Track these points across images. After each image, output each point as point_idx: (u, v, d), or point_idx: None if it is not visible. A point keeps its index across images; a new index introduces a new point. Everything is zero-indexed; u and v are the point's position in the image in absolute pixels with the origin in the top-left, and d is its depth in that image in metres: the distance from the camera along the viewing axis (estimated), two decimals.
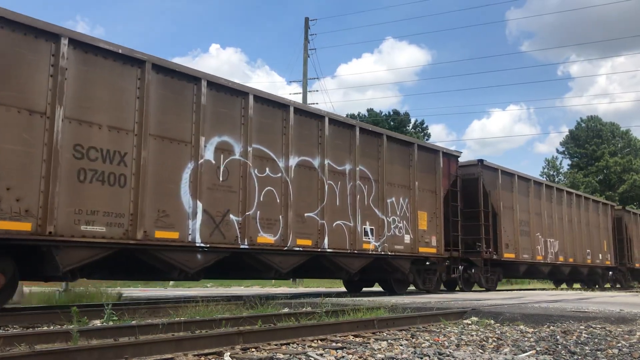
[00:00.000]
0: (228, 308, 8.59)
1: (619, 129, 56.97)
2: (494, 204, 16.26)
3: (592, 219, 22.78)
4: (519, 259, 17.28)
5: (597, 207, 23.77)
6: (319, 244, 10.80)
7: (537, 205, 18.78)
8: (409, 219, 13.13)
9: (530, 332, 6.14)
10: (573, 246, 20.87)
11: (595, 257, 22.63)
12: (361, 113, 52.14)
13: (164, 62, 8.66)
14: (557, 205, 20.24)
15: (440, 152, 14.47)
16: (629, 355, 4.59)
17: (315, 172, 10.95)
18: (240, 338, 4.82)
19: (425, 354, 4.43)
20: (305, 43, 29.30)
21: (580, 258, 21.36)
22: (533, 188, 18.66)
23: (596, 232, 23.09)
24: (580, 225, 21.65)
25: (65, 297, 11.32)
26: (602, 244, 23.44)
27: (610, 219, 24.69)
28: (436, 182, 14.13)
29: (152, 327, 5.54)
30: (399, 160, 13.13)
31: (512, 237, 16.92)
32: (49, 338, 4.93)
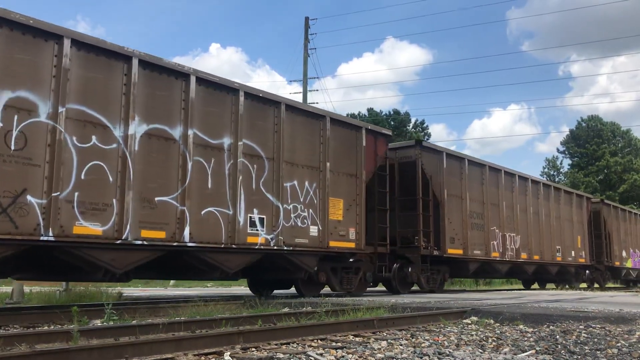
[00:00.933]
0: (228, 308, 8.60)
1: (620, 129, 56.97)
2: (436, 191, 14.13)
3: (564, 212, 20.48)
4: (468, 255, 14.94)
5: (571, 199, 21.37)
6: (176, 237, 8.47)
7: (493, 194, 16.40)
8: (317, 207, 10.90)
9: (530, 331, 6.14)
10: (539, 242, 18.52)
11: (567, 255, 20.37)
12: (361, 112, 52.13)
13: None
14: (520, 195, 17.85)
15: (364, 128, 12.27)
16: (628, 355, 4.59)
17: (174, 144, 8.63)
18: (240, 338, 4.82)
19: (425, 354, 4.44)
20: (306, 42, 29.30)
21: (548, 255, 19.04)
22: (489, 175, 16.32)
23: (569, 227, 20.77)
24: (549, 219, 19.31)
25: (66, 297, 11.33)
26: (575, 239, 21.20)
27: (587, 213, 22.48)
28: (357, 164, 11.91)
29: (152, 327, 5.54)
30: (306, 135, 10.86)
31: (459, 231, 14.69)
32: (49, 338, 4.94)
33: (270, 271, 11.17)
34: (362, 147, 12.08)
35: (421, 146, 14.10)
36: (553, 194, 20.00)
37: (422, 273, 13.70)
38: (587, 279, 22.82)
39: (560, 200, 20.45)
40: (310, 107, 11.61)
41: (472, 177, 15.57)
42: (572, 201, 21.35)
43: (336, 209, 11.33)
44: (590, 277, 23.03)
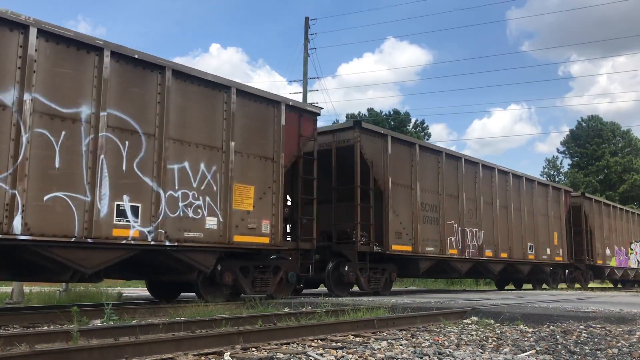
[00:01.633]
0: (228, 308, 8.60)
1: (620, 129, 56.98)
2: (379, 179, 12.45)
3: (538, 205, 18.67)
4: (419, 252, 13.20)
5: (546, 191, 19.50)
6: (3, 228, 6.86)
7: (452, 185, 14.69)
8: (218, 195, 9.19)
9: (530, 331, 6.14)
10: (508, 238, 16.80)
11: (541, 253, 18.56)
12: (361, 113, 52.14)
13: None
14: (485, 186, 16.09)
15: (283, 104, 10.46)
16: (628, 355, 4.59)
17: (4, 112, 7.01)
18: (240, 338, 4.82)
19: (425, 354, 4.44)
20: (305, 43, 29.30)
21: (519, 253, 17.36)
22: (446, 163, 14.59)
23: (543, 222, 18.98)
24: (520, 213, 17.61)
25: (66, 297, 11.33)
26: (551, 236, 19.37)
27: (565, 207, 20.68)
28: (274, 145, 10.22)
29: (152, 327, 5.54)
30: (203, 109, 9.17)
31: (408, 225, 12.99)
32: (49, 338, 4.94)
33: (159, 272, 9.47)
34: (281, 126, 10.33)
35: (360, 128, 12.34)
36: (525, 185, 18.18)
37: (362, 272, 12.13)
38: (567, 278, 21.26)
39: (533, 192, 18.61)
40: (211, 75, 9.43)
41: (425, 164, 13.90)
42: (547, 194, 19.54)
43: (244, 197, 9.62)
44: (570, 277, 21.52)
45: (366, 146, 12.42)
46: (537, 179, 19.61)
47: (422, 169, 13.77)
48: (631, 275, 26.73)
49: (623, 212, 26.59)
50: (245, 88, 9.98)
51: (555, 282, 20.34)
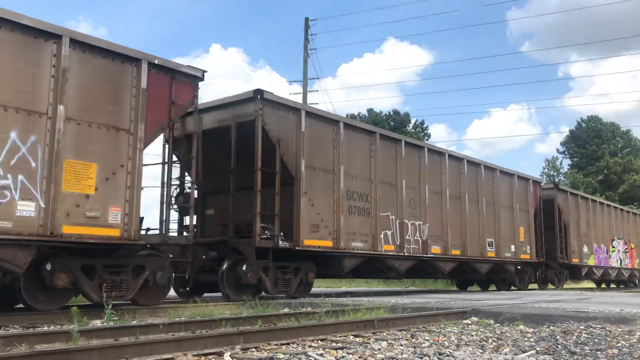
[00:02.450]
0: (228, 308, 8.61)
1: (619, 129, 56.98)
2: (289, 162, 10.57)
3: (500, 197, 16.64)
4: (341, 248, 11.29)
5: (511, 182, 17.44)
6: None
7: (389, 171, 12.88)
8: (38, 173, 7.24)
9: (530, 332, 6.14)
10: (461, 234, 14.94)
11: (504, 250, 16.55)
12: (361, 113, 52.16)
13: None
14: (433, 174, 14.28)
15: (145, 62, 8.39)
16: (629, 355, 4.59)
17: None
18: (240, 338, 4.82)
19: (425, 354, 4.44)
20: (305, 43, 29.31)
21: (475, 250, 15.40)
22: (381, 146, 12.68)
23: (507, 216, 17.01)
24: (477, 205, 15.64)
25: None
26: (516, 232, 17.39)
27: (534, 200, 18.67)
28: (131, 112, 8.19)
29: (153, 327, 5.54)
30: (18, 61, 7.19)
31: (328, 216, 11.09)
32: (49, 338, 4.94)
33: None
34: (141, 90, 8.30)
35: (263, 99, 10.14)
36: (484, 174, 16.07)
37: (267, 273, 10.20)
38: (539, 279, 19.23)
39: (494, 182, 16.56)
40: (30, 19, 7.32)
41: (352, 146, 11.94)
42: (512, 185, 17.48)
43: (81, 177, 7.62)
44: (542, 277, 19.45)
45: (272, 121, 10.33)
46: (500, 168, 17.23)
47: (348, 151, 11.81)
48: (612, 275, 24.70)
49: (604, 206, 24.43)
50: (85, 38, 7.90)
51: (524, 282, 18.14)
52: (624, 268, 25.56)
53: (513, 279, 17.76)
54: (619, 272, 25.15)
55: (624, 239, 25.99)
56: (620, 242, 25.51)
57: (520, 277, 17.99)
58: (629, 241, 26.56)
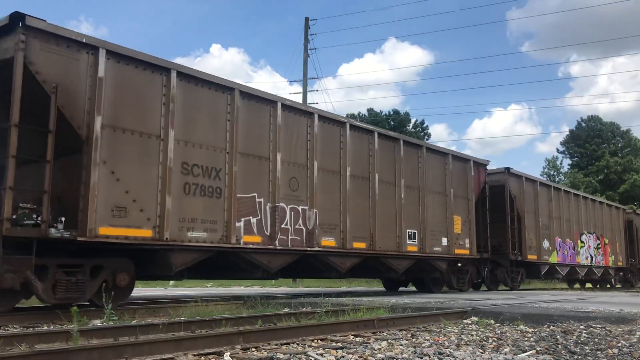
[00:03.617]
0: (228, 308, 8.61)
1: (620, 129, 56.98)
2: (74, 119, 7.66)
3: (428, 180, 13.80)
4: (166, 240, 8.33)
5: (444, 162, 14.44)
6: None
7: (254, 140, 9.89)
8: None
9: (530, 332, 6.14)
10: (368, 222, 12.01)
11: (433, 243, 13.68)
12: (361, 113, 52.17)
13: None
14: (327, 147, 11.27)
15: None
16: (629, 355, 4.59)
17: None
18: (240, 338, 4.82)
19: (426, 354, 4.44)
20: (306, 43, 29.32)
21: (389, 243, 12.51)
22: (245, 108, 9.74)
23: (437, 203, 14.06)
24: (392, 188, 12.76)
25: None
26: (450, 222, 14.38)
27: (477, 185, 15.54)
28: None
29: (152, 327, 5.54)
30: None
31: (146, 195, 8.22)
32: (49, 338, 4.94)
33: None
34: None
35: (27, 28, 7.22)
36: (403, 151, 13.16)
37: (43, 274, 7.29)
38: (487, 277, 16.47)
39: (419, 162, 13.66)
40: None
41: (194, 105, 9.04)
42: (446, 166, 14.50)
43: None
44: (490, 276, 16.63)
45: (43, 61, 7.41)
46: (428, 145, 14.63)
47: (186, 110, 8.89)
48: (581, 273, 21.64)
49: (570, 195, 21.17)
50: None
51: (463, 282, 15.16)
52: (595, 266, 22.44)
53: (448, 279, 14.81)
54: (589, 271, 22.13)
55: (596, 234, 22.91)
56: (591, 236, 22.43)
57: (459, 277, 15.08)
58: (602, 236, 23.43)
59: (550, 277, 21.42)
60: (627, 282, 26.40)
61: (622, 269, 25.64)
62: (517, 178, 17.64)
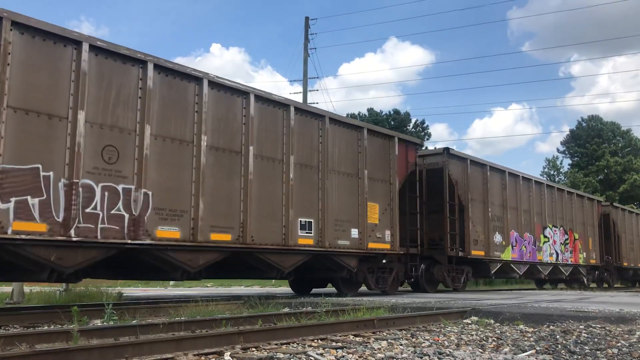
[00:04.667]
0: (228, 308, 8.61)
1: (620, 129, 56.97)
2: None
3: (333, 158, 11.37)
4: None
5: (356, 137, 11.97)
6: None
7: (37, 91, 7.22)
8: None
9: (530, 331, 6.14)
10: (238, 208, 9.52)
11: (337, 236, 11.22)
12: (361, 112, 52.16)
13: None
14: (167, 109, 8.68)
15: None
16: (628, 355, 4.59)
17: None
18: (240, 338, 4.83)
19: (425, 354, 4.44)
20: (306, 43, 29.31)
21: (271, 234, 9.99)
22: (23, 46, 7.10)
23: (347, 187, 11.60)
24: (279, 167, 10.31)
25: (66, 297, 11.33)
26: (363, 210, 11.86)
27: (403, 167, 13.08)
28: None
29: (153, 327, 5.55)
30: None
31: None
32: (49, 338, 4.94)
33: None
34: None
35: None
36: (296, 122, 10.65)
37: None
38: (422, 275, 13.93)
39: (320, 136, 11.12)
40: None
41: None
42: (359, 142, 11.96)
43: None
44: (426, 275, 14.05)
45: None
46: (332, 115, 11.81)
47: None
48: (544, 272, 18.90)
49: (531, 183, 18.24)
50: None
51: (385, 282, 12.57)
52: (562, 264, 19.86)
53: (364, 278, 12.27)
54: (554, 269, 19.53)
55: (564, 227, 20.28)
56: (557, 230, 19.80)
57: (379, 276, 12.52)
58: (571, 230, 20.77)
59: (504, 276, 18.55)
60: (603, 281, 23.86)
61: (597, 267, 22.95)
62: (459, 161, 15.05)
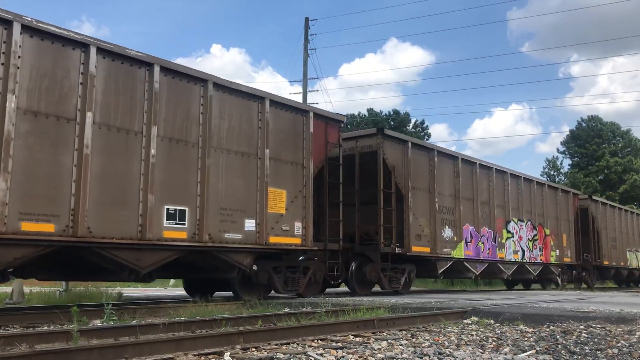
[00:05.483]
0: (228, 308, 8.60)
1: (620, 129, 56.97)
2: None
3: (220, 132, 9.43)
4: None
5: (255, 109, 9.99)
6: None
7: None
8: None
9: (530, 331, 6.14)
10: (69, 189, 7.53)
11: (222, 228, 9.24)
12: (361, 113, 52.15)
13: None
14: None
15: None
16: (628, 355, 4.59)
17: None
18: (240, 338, 4.82)
19: (425, 354, 4.44)
20: (305, 43, 29.30)
21: (123, 226, 8.05)
22: None
23: (239, 168, 9.65)
24: (138, 139, 8.36)
25: (66, 297, 11.33)
26: (263, 197, 9.90)
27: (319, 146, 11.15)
28: None
29: (153, 327, 5.54)
30: None
31: None
32: (49, 338, 4.94)
33: None
34: None
35: None
36: (160, 84, 8.60)
37: None
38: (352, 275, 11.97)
39: (200, 104, 9.16)
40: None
41: None
42: (259, 115, 10.02)
43: None
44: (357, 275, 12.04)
45: None
46: (218, 80, 9.52)
47: None
48: (507, 272, 16.62)
49: (491, 172, 16.14)
50: None
51: (296, 284, 10.57)
52: (529, 263, 17.77)
53: (269, 279, 10.17)
54: (520, 269, 17.46)
55: (532, 222, 18.18)
56: (524, 225, 17.72)
57: (289, 277, 10.52)
58: (542, 225, 18.68)
59: (458, 276, 16.41)
60: (581, 281, 21.92)
61: (573, 266, 20.85)
62: (398, 143, 13.06)
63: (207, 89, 9.34)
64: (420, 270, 13.84)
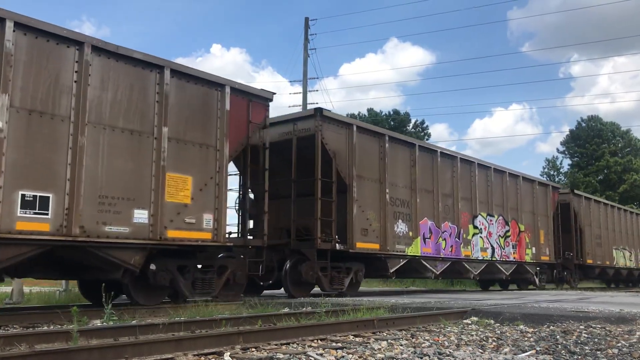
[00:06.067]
0: (228, 308, 8.60)
1: (620, 129, 56.99)
2: None
3: (98, 105, 7.93)
4: None
5: (151, 79, 8.59)
6: None
7: None
8: None
9: (530, 332, 6.14)
10: None
11: (101, 219, 7.76)
12: (361, 113, 52.15)
13: None
14: None
15: None
16: (628, 355, 4.59)
17: None
18: (240, 338, 4.82)
19: (425, 354, 4.44)
20: (306, 43, 29.31)
21: None
22: None
23: (126, 148, 8.19)
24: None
25: (65, 297, 11.33)
26: (160, 184, 8.48)
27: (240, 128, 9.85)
28: None
29: (152, 327, 5.54)
30: None
31: None
32: (49, 338, 4.94)
33: None
34: None
35: None
36: (16, 41, 7.13)
37: None
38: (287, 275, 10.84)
39: (75, 70, 7.72)
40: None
41: None
42: (156, 87, 8.63)
43: None
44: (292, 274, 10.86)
45: None
46: (97, 42, 8.04)
47: None
48: (474, 271, 15.19)
49: (455, 161, 14.99)
50: None
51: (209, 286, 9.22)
52: (500, 261, 16.37)
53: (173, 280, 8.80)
54: (489, 267, 15.99)
55: (504, 217, 16.84)
56: (494, 220, 16.34)
57: (197, 277, 9.13)
58: (515, 221, 17.39)
59: (415, 276, 14.89)
60: (562, 281, 20.69)
61: (551, 264, 19.54)
62: (340, 126, 11.79)
63: (83, 52, 7.82)
64: (369, 270, 12.49)
